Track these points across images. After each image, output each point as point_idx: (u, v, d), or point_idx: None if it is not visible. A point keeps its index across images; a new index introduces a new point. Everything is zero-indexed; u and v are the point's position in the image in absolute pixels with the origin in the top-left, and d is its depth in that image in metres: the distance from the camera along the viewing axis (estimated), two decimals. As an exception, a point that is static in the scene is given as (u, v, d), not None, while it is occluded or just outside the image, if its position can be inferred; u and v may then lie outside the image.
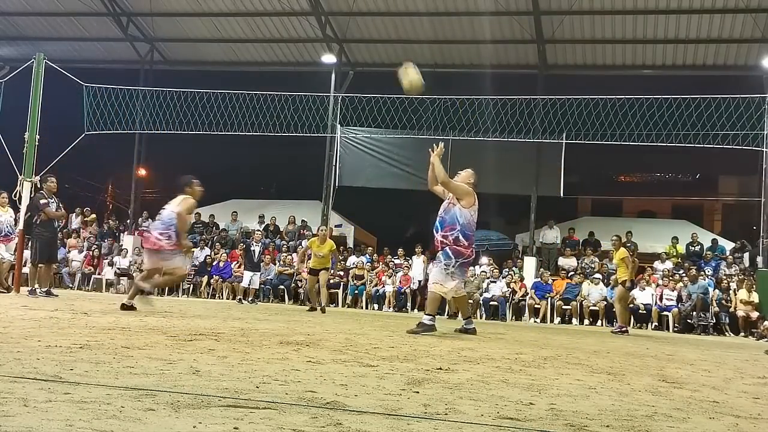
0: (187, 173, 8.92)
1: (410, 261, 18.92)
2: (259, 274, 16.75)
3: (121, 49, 23.13)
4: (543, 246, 20.26)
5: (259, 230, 18.34)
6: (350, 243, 22.13)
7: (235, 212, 21.76)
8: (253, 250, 16.46)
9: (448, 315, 14.84)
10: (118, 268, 19.39)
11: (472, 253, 7.84)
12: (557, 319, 16.95)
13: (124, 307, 8.17)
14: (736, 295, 16.12)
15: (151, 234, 8.73)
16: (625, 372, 4.68)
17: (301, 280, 18.20)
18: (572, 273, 18.18)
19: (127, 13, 21.77)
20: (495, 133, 18.00)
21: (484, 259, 19.42)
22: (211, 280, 18.58)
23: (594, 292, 16.99)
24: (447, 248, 7.65)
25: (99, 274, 19.62)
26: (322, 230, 14.43)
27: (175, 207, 8.57)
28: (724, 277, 17.16)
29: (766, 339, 13.73)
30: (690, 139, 16.92)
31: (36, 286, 11.37)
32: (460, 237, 7.55)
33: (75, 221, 21.91)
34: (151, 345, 4.32)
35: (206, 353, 4.07)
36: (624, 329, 12.50)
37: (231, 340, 5.05)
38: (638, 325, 16.54)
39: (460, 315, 8.32)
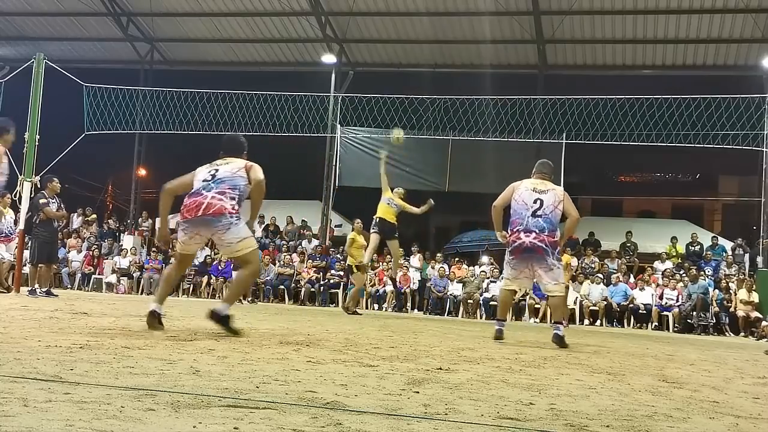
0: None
1: (410, 261, 18.94)
2: None
3: (121, 49, 23.14)
4: (543, 246, 20.25)
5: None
6: (350, 243, 22.11)
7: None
8: None
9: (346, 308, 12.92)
10: (118, 268, 19.39)
11: (519, 238, 6.88)
12: (546, 319, 16.98)
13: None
14: (736, 295, 16.13)
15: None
16: (625, 372, 4.68)
17: (300, 281, 18.22)
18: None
19: (127, 13, 21.79)
20: (495, 133, 18.01)
21: (484, 259, 19.44)
22: (211, 280, 18.58)
23: (594, 292, 16.98)
24: None
25: (99, 274, 19.62)
26: (358, 223, 13.38)
27: None
28: (724, 277, 17.16)
29: (766, 339, 13.74)
30: (690, 139, 16.93)
31: (36, 286, 11.37)
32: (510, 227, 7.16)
33: (76, 221, 21.92)
34: (151, 345, 4.32)
35: (206, 353, 4.06)
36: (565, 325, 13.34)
37: (231, 340, 5.05)
38: (638, 325, 16.55)
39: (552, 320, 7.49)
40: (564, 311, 7.17)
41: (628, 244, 19.67)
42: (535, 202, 6.97)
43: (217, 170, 5.76)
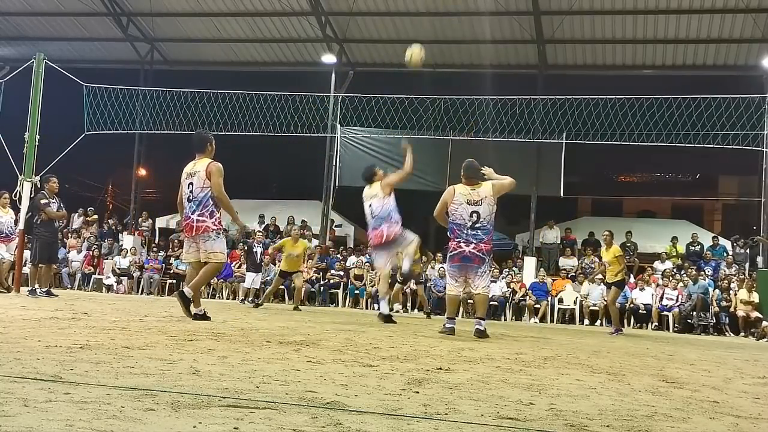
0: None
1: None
2: (260, 275, 16.79)
3: (121, 49, 23.14)
4: (543, 246, 20.26)
5: (260, 231, 18.37)
6: (350, 243, 22.12)
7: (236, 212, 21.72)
8: (255, 251, 16.50)
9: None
10: (118, 268, 19.38)
11: (459, 246, 7.47)
12: (546, 319, 16.99)
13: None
14: (736, 295, 16.13)
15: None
16: (625, 372, 4.68)
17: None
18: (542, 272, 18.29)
19: (127, 13, 21.79)
20: (495, 133, 18.00)
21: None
22: (211, 280, 18.57)
23: (594, 292, 16.97)
24: None
25: (99, 274, 19.62)
26: (295, 230, 14.79)
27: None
28: (724, 277, 17.16)
29: (766, 339, 13.74)
30: (690, 139, 16.93)
31: (36, 286, 11.37)
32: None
33: (76, 221, 21.91)
34: (151, 345, 4.32)
35: (206, 353, 4.07)
36: (621, 330, 12.50)
37: (231, 340, 5.05)
38: (638, 325, 16.55)
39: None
40: (486, 308, 7.81)
41: (628, 244, 19.65)
42: (471, 215, 7.44)
43: (192, 184, 7.22)
